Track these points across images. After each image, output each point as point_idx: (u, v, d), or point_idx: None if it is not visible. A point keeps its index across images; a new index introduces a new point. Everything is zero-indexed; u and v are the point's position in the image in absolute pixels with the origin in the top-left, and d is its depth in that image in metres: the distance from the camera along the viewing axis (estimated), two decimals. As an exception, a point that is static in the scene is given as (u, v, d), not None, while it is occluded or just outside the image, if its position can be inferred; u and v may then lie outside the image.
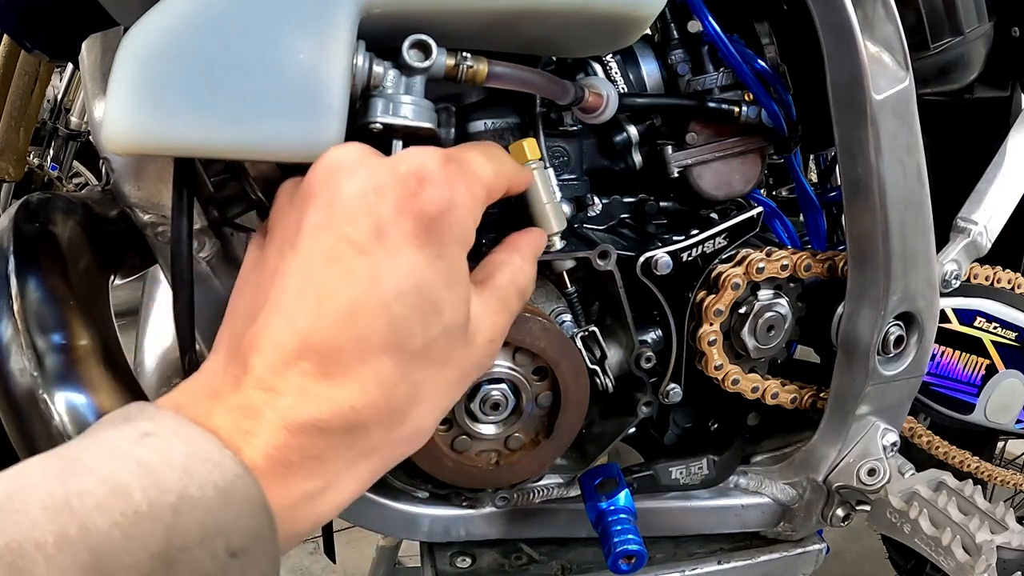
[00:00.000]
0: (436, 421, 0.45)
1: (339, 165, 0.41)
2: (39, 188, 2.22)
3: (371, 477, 0.43)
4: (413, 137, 0.48)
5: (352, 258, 0.39)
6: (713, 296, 0.65)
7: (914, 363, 0.69)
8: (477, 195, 0.44)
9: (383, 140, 0.48)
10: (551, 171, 0.59)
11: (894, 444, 0.72)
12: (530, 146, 0.57)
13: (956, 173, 0.77)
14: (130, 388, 0.55)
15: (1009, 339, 0.77)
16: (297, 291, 0.40)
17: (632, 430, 0.72)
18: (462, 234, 0.42)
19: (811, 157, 0.96)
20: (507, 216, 0.59)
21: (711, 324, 0.65)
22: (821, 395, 0.72)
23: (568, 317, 0.64)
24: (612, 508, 0.66)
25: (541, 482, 0.69)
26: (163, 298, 0.91)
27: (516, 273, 0.49)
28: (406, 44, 0.45)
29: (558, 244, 0.59)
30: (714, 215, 0.67)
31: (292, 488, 0.39)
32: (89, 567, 0.31)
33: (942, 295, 0.70)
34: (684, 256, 0.63)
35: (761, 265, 0.65)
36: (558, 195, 0.59)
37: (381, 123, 0.45)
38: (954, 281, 0.71)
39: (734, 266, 0.65)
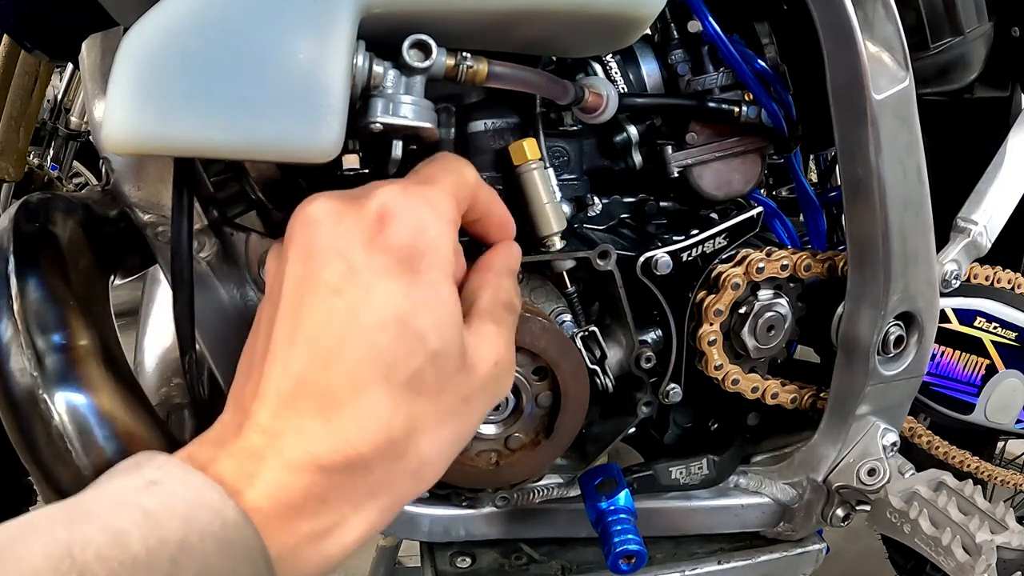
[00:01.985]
0: (444, 453, 0.44)
1: (310, 218, 0.42)
2: (39, 188, 2.22)
3: (381, 516, 0.42)
4: (413, 137, 0.48)
5: (331, 300, 0.41)
6: (713, 296, 0.65)
7: (914, 363, 0.69)
8: (444, 214, 0.44)
9: (383, 140, 0.48)
10: (551, 171, 0.59)
11: (894, 444, 0.72)
12: (530, 146, 0.57)
13: (956, 173, 0.77)
14: (130, 388, 0.55)
15: (1009, 339, 0.77)
16: (288, 339, 0.41)
17: (632, 430, 0.72)
18: (438, 258, 0.42)
19: (811, 157, 0.96)
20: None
21: (711, 324, 0.65)
22: (821, 395, 0.72)
23: (568, 317, 0.64)
24: (612, 508, 0.66)
25: (541, 482, 0.69)
26: (163, 298, 0.91)
27: (496, 290, 0.48)
28: (406, 44, 0.45)
29: (558, 244, 0.59)
30: (714, 215, 0.67)
31: (296, 529, 0.38)
32: None
33: (942, 295, 0.70)
34: (684, 256, 0.63)
35: (761, 265, 0.65)
36: (558, 195, 0.59)
37: (381, 123, 0.45)
38: (954, 281, 0.71)
39: (734, 266, 0.65)
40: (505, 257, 0.51)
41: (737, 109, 0.63)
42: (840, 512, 0.75)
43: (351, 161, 0.51)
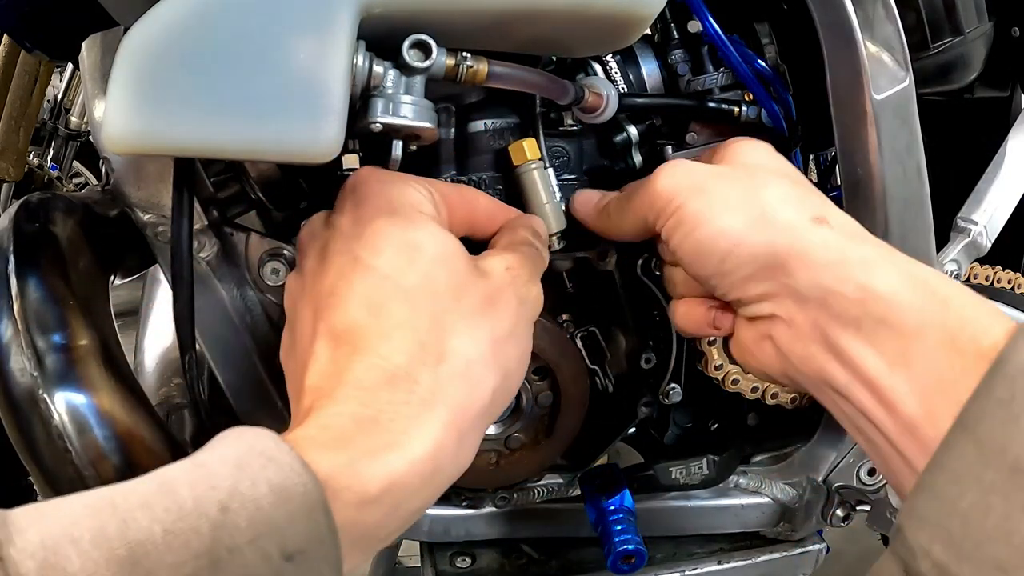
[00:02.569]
0: (487, 353, 0.44)
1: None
2: (39, 188, 2.22)
3: (446, 430, 0.41)
4: (413, 137, 0.48)
5: (341, 244, 0.45)
6: (713, 296, 0.65)
7: (914, 363, 0.69)
8: (422, 188, 0.49)
9: (383, 140, 0.48)
10: (551, 171, 0.59)
11: (894, 444, 0.72)
12: (529, 146, 0.57)
13: (956, 173, 0.77)
14: (130, 388, 0.55)
15: (1009, 339, 0.77)
16: (308, 300, 0.46)
17: (632, 430, 0.72)
18: (410, 198, 0.47)
19: (811, 157, 0.96)
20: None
21: (711, 324, 0.65)
22: (821, 395, 0.72)
23: (568, 317, 0.64)
24: (612, 508, 0.66)
25: (541, 482, 0.69)
26: (163, 298, 0.91)
27: (511, 235, 0.52)
28: (406, 44, 0.45)
29: (557, 244, 0.59)
30: (714, 215, 0.67)
31: (354, 447, 0.38)
32: (125, 563, 0.29)
33: (942, 295, 0.70)
34: (684, 256, 0.63)
35: (761, 265, 0.65)
36: (558, 195, 0.59)
37: (381, 123, 0.45)
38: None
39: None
40: (523, 217, 0.55)
41: (737, 109, 0.63)
42: (840, 512, 0.75)
43: (351, 161, 0.51)
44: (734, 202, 0.47)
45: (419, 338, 0.42)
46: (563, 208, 0.59)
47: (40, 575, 0.29)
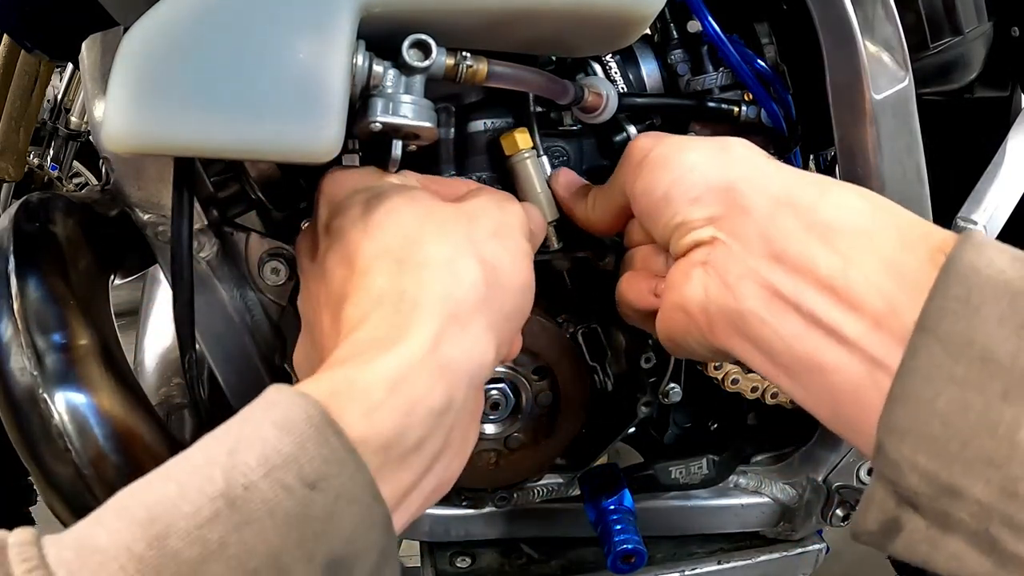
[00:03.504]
0: (464, 249, 0.43)
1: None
2: (39, 188, 2.22)
3: (442, 321, 0.40)
4: (413, 137, 0.48)
5: (335, 225, 0.46)
6: (713, 296, 0.64)
7: (914, 363, 0.69)
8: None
9: (383, 140, 0.48)
10: (545, 159, 0.59)
11: (894, 444, 0.72)
12: (521, 136, 0.57)
13: (956, 173, 0.77)
14: (130, 388, 0.55)
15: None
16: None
17: (632, 430, 0.72)
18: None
19: (811, 157, 0.96)
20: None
21: (711, 324, 0.65)
22: (821, 395, 0.72)
23: (568, 316, 0.64)
24: (612, 508, 0.66)
25: (541, 482, 0.69)
26: (163, 298, 0.91)
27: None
28: (406, 44, 0.45)
29: (555, 244, 0.59)
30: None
31: (351, 364, 0.37)
32: (146, 523, 0.30)
33: (942, 295, 0.70)
34: (684, 256, 0.63)
35: (761, 265, 0.65)
36: None
37: (381, 123, 0.45)
38: (954, 281, 0.71)
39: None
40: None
41: (737, 109, 0.63)
42: (840, 512, 0.75)
43: (351, 161, 0.51)
44: (699, 144, 0.47)
45: (394, 257, 0.42)
46: None
47: (77, 555, 0.30)
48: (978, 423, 0.32)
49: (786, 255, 0.40)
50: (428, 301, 0.40)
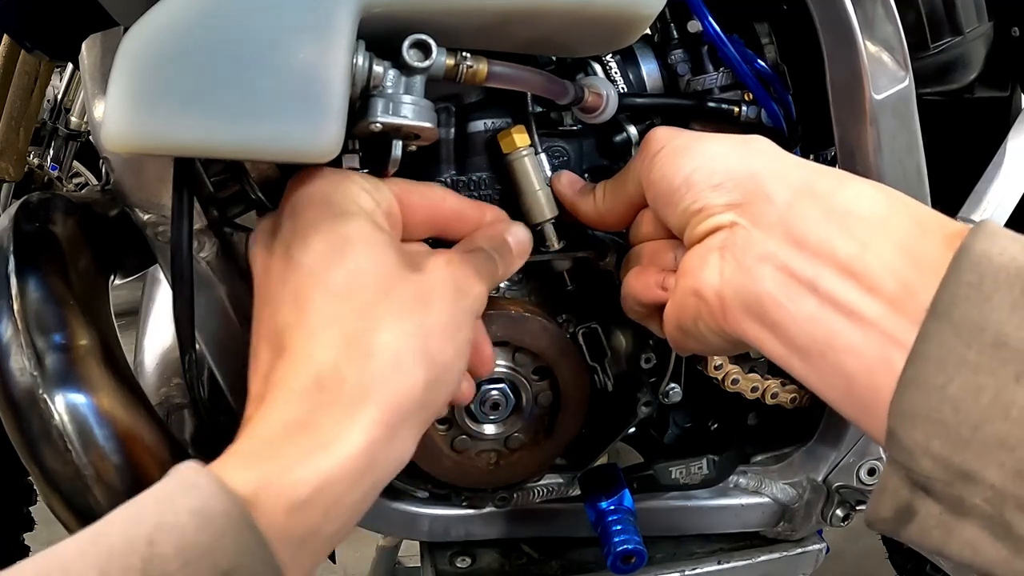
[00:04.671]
0: (415, 347, 0.43)
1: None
2: (39, 188, 2.22)
3: (378, 428, 0.40)
4: (413, 137, 0.48)
5: (284, 238, 0.46)
6: (713, 296, 0.64)
7: (914, 363, 0.69)
8: (374, 188, 0.48)
9: (383, 140, 0.48)
10: (543, 157, 0.59)
11: (894, 444, 0.72)
12: (518, 134, 0.57)
13: (956, 173, 0.77)
14: (130, 388, 0.55)
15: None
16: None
17: (632, 430, 0.72)
18: (347, 195, 0.46)
19: (811, 157, 0.96)
20: (506, 212, 0.59)
21: (711, 324, 0.65)
22: (821, 395, 0.72)
23: (568, 316, 0.64)
24: (612, 508, 0.66)
25: (541, 482, 0.69)
26: (163, 298, 0.91)
27: (464, 243, 0.51)
28: (406, 44, 0.45)
29: (556, 244, 0.59)
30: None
31: (279, 454, 0.38)
32: None
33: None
34: (684, 256, 0.63)
35: (761, 265, 0.65)
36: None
37: (381, 123, 0.45)
38: (954, 281, 0.71)
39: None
40: (490, 227, 0.53)
41: (737, 109, 0.63)
42: (840, 512, 0.75)
43: (351, 161, 0.51)
44: (720, 136, 0.48)
45: (345, 333, 0.41)
46: None
47: None
48: (991, 407, 0.32)
49: (805, 240, 0.40)
50: (368, 402, 0.41)
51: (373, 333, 0.42)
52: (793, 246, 0.41)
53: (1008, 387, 0.32)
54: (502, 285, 0.64)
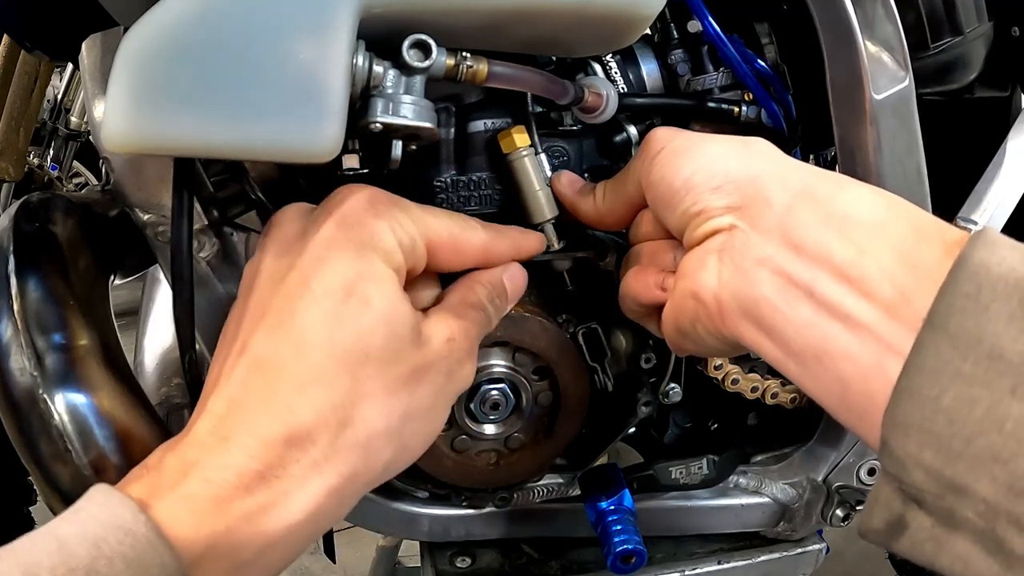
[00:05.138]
0: (393, 427, 0.43)
1: (279, 215, 0.48)
2: (39, 188, 2.22)
3: (329, 497, 0.40)
4: (413, 137, 0.48)
5: (285, 273, 0.43)
6: (713, 296, 0.64)
7: (914, 363, 0.69)
8: (401, 224, 0.46)
9: (383, 140, 0.48)
10: (543, 157, 0.59)
11: (894, 444, 0.72)
12: (518, 134, 0.57)
13: (956, 173, 0.77)
14: (130, 388, 0.55)
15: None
16: (238, 322, 0.44)
17: (632, 430, 0.72)
18: (382, 244, 0.44)
19: (811, 157, 0.96)
20: (508, 218, 0.59)
21: (711, 324, 0.65)
22: (821, 395, 0.72)
23: (568, 316, 0.64)
24: (612, 508, 0.66)
25: (541, 482, 0.69)
26: (163, 298, 0.91)
27: (465, 293, 0.50)
28: (406, 44, 0.45)
29: (556, 244, 0.59)
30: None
31: (230, 510, 0.37)
32: None
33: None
34: (684, 256, 0.63)
35: (761, 265, 0.64)
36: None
37: (381, 123, 0.45)
38: (954, 281, 0.71)
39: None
40: (489, 273, 0.52)
41: (737, 109, 0.63)
42: (840, 512, 0.75)
43: (351, 161, 0.51)
44: (720, 137, 0.48)
45: (333, 398, 0.40)
46: None
47: None
48: (984, 419, 0.32)
49: (803, 245, 0.40)
50: (329, 471, 0.40)
51: (359, 404, 0.41)
52: (791, 250, 0.41)
53: (1003, 400, 0.32)
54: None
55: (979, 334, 0.33)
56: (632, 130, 0.63)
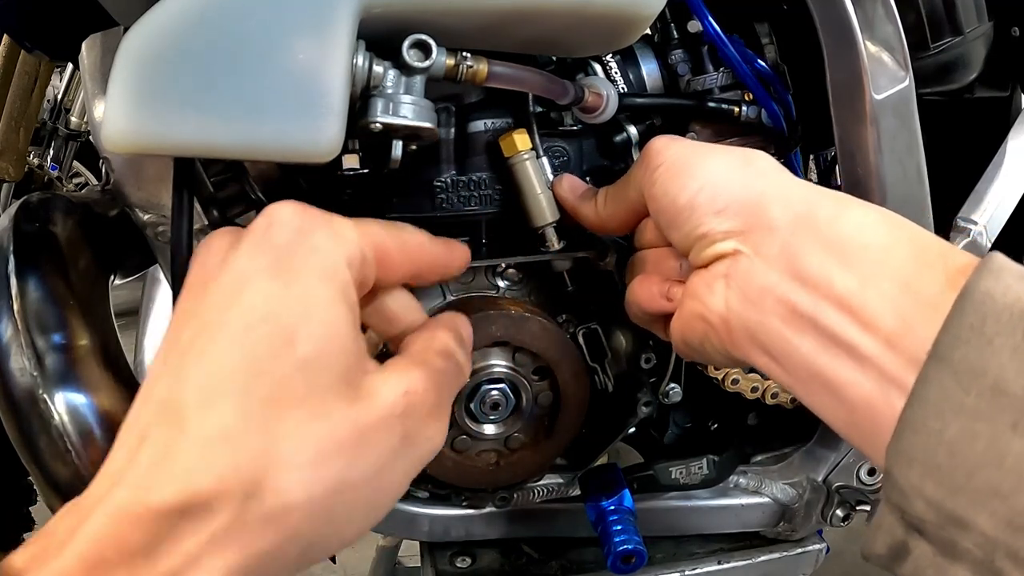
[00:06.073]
0: (319, 500, 0.34)
1: (209, 240, 0.41)
2: (39, 188, 2.22)
3: None
4: (413, 137, 0.48)
5: (203, 302, 0.37)
6: (713, 296, 0.64)
7: (914, 363, 0.69)
8: (341, 232, 0.39)
9: (383, 140, 0.48)
10: (544, 160, 0.59)
11: (894, 444, 0.72)
12: (520, 137, 0.57)
13: (956, 173, 0.77)
14: (130, 388, 0.55)
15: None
16: (158, 357, 0.37)
17: (632, 430, 0.72)
18: (321, 264, 0.37)
19: (811, 157, 0.96)
20: (508, 218, 0.60)
21: (711, 324, 0.65)
22: (821, 395, 0.72)
23: (568, 316, 0.64)
24: (612, 508, 0.66)
25: (541, 482, 0.69)
26: (163, 298, 0.91)
27: (429, 340, 0.43)
28: (406, 44, 0.45)
29: (555, 241, 0.59)
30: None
31: None
32: None
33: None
34: (684, 256, 0.63)
35: (761, 265, 0.64)
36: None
37: (381, 123, 0.45)
38: (954, 281, 0.71)
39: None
40: (451, 318, 0.47)
41: (737, 109, 0.63)
42: (840, 512, 0.75)
43: (351, 161, 0.51)
44: (723, 153, 0.47)
45: (239, 460, 0.33)
46: None
47: None
48: (985, 454, 0.32)
49: (806, 274, 0.40)
50: (230, 550, 0.33)
51: (272, 469, 0.33)
52: (794, 280, 0.41)
53: (1004, 435, 0.32)
54: (501, 284, 0.64)
55: (983, 367, 0.33)
56: (632, 130, 0.63)
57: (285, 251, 0.37)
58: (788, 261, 0.41)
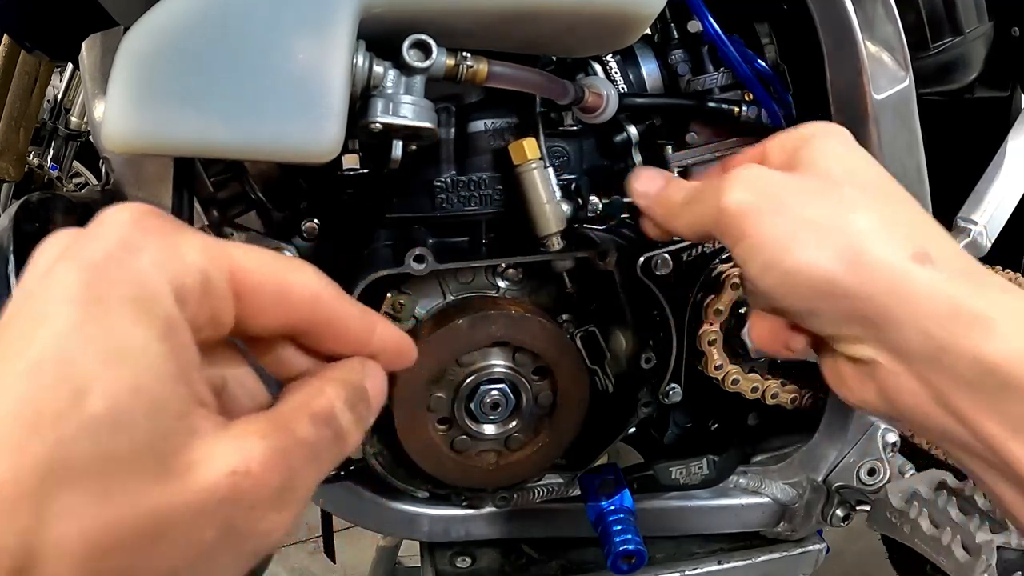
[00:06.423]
0: None
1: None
2: (39, 188, 2.22)
3: None
4: (413, 137, 0.48)
5: (5, 329, 0.28)
6: (713, 296, 0.65)
7: (914, 363, 0.69)
8: (177, 255, 0.30)
9: (383, 140, 0.48)
10: (551, 170, 0.59)
11: (894, 444, 0.72)
12: (529, 146, 0.57)
13: (956, 173, 0.77)
14: (130, 388, 0.54)
15: (1009, 339, 0.76)
16: None
17: (632, 430, 0.72)
18: (136, 293, 0.28)
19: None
20: (508, 218, 0.60)
21: (711, 324, 0.65)
22: (821, 395, 0.72)
23: (568, 317, 0.64)
24: (612, 508, 0.66)
25: (541, 482, 0.69)
26: (163, 298, 0.91)
27: (307, 397, 0.32)
28: (406, 44, 0.45)
29: (557, 244, 0.59)
30: (714, 215, 0.67)
31: None
32: None
33: (942, 295, 0.70)
34: (684, 256, 0.63)
35: (761, 265, 0.64)
36: (558, 194, 0.59)
37: (381, 123, 0.45)
38: (954, 281, 0.71)
39: (734, 265, 0.65)
40: (358, 365, 0.35)
41: (737, 109, 0.63)
42: (840, 512, 0.75)
43: (351, 161, 0.51)
44: (820, 229, 0.40)
45: (11, 530, 0.25)
46: (563, 208, 0.59)
47: None
48: None
49: (954, 409, 0.39)
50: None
51: (43, 550, 0.25)
52: (944, 410, 0.39)
53: None
54: (501, 284, 0.64)
55: None
56: (632, 130, 0.63)
57: (98, 272, 0.28)
58: (936, 394, 0.39)
